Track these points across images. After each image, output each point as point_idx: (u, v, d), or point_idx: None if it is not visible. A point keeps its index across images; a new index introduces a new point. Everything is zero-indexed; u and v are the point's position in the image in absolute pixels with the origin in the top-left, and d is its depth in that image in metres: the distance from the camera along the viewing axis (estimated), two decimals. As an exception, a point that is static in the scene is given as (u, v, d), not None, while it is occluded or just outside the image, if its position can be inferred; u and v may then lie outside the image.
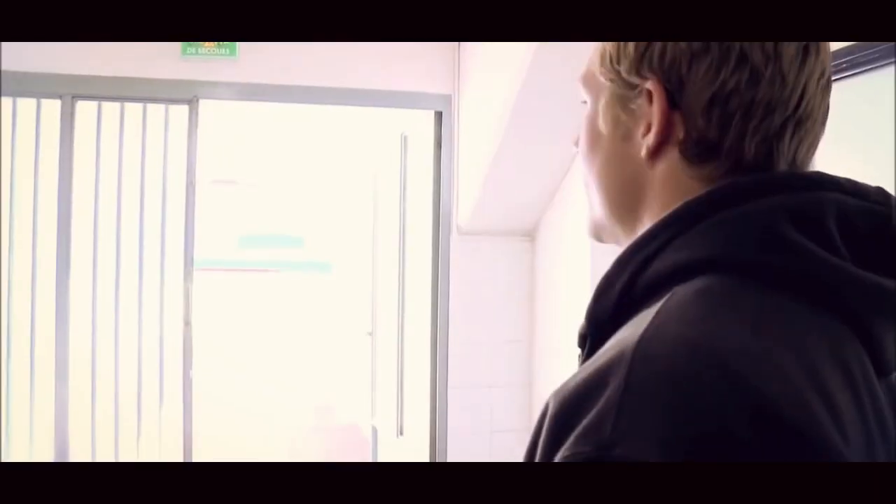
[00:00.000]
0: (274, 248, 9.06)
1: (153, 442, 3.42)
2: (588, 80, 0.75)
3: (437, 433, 3.66)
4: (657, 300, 0.59)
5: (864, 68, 1.76)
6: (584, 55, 0.78)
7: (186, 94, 3.35)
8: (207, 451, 3.73)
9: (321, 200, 7.96)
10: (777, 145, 0.64)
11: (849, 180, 0.65)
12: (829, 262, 0.59)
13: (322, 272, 8.63)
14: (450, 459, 3.63)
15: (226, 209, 7.70)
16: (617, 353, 0.54)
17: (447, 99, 3.63)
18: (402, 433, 4.09)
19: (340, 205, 7.50)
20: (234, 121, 4.95)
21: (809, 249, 0.58)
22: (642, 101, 0.68)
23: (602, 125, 0.72)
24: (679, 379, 0.50)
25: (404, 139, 4.06)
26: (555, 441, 0.54)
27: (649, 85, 0.66)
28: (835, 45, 1.65)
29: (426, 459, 3.68)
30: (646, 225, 0.69)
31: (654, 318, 0.56)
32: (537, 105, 3.00)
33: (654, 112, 0.66)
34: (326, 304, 8.13)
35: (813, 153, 0.68)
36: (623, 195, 0.72)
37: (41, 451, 3.25)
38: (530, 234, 3.68)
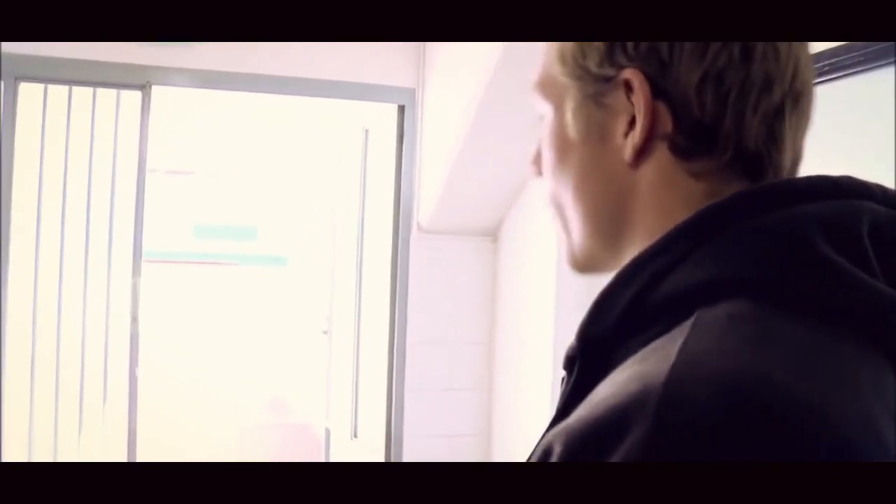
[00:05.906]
0: (229, 239, 8.96)
1: (95, 439, 3.29)
2: (546, 86, 0.68)
3: (392, 436, 3.58)
4: (675, 323, 0.51)
5: (846, 72, 1.72)
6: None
7: (139, 80, 3.21)
8: (153, 450, 3.61)
9: (278, 193, 7.88)
10: (778, 127, 0.58)
11: (880, 186, 0.58)
12: (873, 288, 0.51)
13: (277, 265, 8.55)
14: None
15: (182, 200, 7.58)
16: (639, 389, 0.46)
17: (411, 93, 3.54)
18: (356, 435, 4.00)
19: (298, 198, 7.43)
20: (191, 109, 4.82)
21: (849, 272, 0.51)
22: (619, 93, 0.60)
23: (572, 132, 0.64)
24: (719, 429, 0.43)
25: (366, 133, 3.97)
26: None
27: (627, 74, 0.59)
28: (820, 46, 1.60)
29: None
30: (636, 239, 0.61)
31: (682, 349, 0.47)
32: (504, 102, 2.92)
33: (638, 102, 0.58)
34: (280, 299, 8.03)
35: (805, 140, 0.62)
36: (606, 207, 0.63)
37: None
38: (493, 234, 3.61)
